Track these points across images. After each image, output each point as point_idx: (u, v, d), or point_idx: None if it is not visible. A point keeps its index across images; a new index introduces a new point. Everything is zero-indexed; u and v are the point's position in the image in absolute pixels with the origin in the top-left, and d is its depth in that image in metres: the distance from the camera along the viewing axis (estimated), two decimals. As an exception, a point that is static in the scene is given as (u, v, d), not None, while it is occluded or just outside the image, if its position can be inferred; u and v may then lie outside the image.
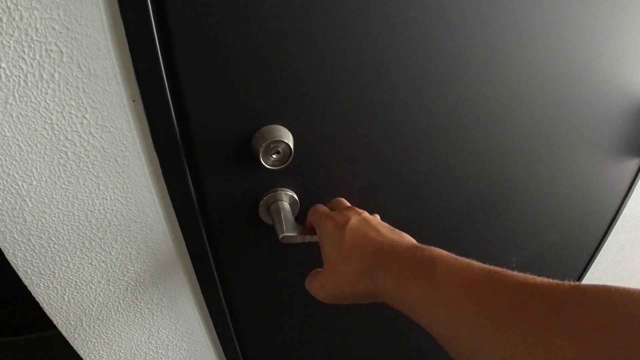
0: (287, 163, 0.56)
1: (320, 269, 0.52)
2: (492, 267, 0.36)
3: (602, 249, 1.13)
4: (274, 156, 0.55)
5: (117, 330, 0.67)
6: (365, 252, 0.46)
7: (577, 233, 1.03)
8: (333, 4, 0.50)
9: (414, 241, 0.47)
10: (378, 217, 0.55)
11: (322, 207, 0.57)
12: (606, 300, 0.26)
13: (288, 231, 0.57)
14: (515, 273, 0.34)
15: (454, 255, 0.39)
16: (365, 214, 0.53)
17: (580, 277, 1.19)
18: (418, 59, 0.58)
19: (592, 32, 0.68)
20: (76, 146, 0.49)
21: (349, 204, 0.59)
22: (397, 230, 0.50)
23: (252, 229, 0.65)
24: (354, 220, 0.50)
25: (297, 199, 0.63)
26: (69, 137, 0.48)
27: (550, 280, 0.31)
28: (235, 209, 0.62)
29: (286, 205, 0.61)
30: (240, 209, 0.63)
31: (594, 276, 1.24)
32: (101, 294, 0.62)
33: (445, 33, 0.57)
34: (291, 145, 0.54)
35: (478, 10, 0.57)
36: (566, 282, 0.30)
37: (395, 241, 0.46)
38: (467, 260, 0.38)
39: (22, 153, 0.47)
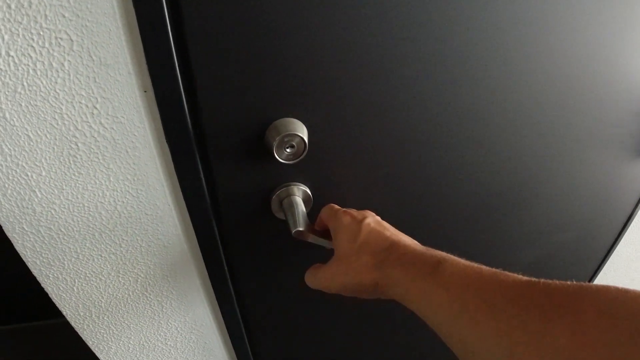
0: (301, 157, 0.55)
1: (320, 264, 0.54)
2: (498, 270, 0.37)
3: (617, 247, 1.11)
4: (287, 150, 0.54)
5: (126, 322, 0.67)
6: (378, 247, 0.48)
7: (592, 232, 1.01)
8: (351, -3, 0.49)
9: (421, 245, 0.49)
10: None
11: (337, 206, 0.59)
12: (609, 301, 0.27)
13: (301, 226, 0.56)
14: (520, 275, 0.35)
15: (461, 259, 0.41)
16: (379, 218, 0.55)
17: (593, 275, 1.17)
18: (436, 56, 0.57)
19: (609, 30, 0.66)
20: (86, 137, 0.48)
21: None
22: (410, 237, 0.51)
23: (264, 223, 0.65)
24: (370, 219, 0.52)
25: (310, 194, 0.62)
26: (79, 128, 0.47)
27: (556, 281, 0.32)
28: (247, 202, 0.61)
29: (299, 200, 0.60)
30: (252, 203, 0.62)
31: (608, 276, 1.23)
32: (111, 285, 0.61)
33: (464, 31, 0.56)
34: (305, 139, 0.53)
35: (495, 9, 0.56)
36: (572, 283, 0.30)
37: (408, 242, 0.48)
38: (474, 263, 0.39)
39: (32, 143, 0.46)
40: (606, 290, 0.28)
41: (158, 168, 0.54)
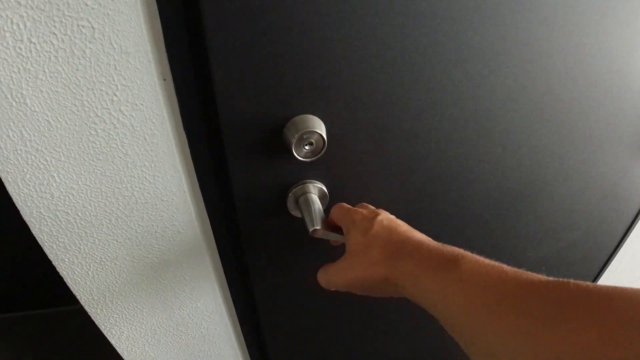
0: (319, 155, 0.54)
1: (331, 262, 0.52)
2: (520, 269, 0.35)
3: (623, 247, 1.11)
4: (306, 147, 0.54)
5: (139, 307, 0.68)
6: (389, 241, 0.46)
7: (599, 230, 1.02)
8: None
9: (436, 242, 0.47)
10: None
11: (347, 205, 0.57)
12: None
13: (318, 225, 0.55)
14: (545, 276, 0.34)
15: (480, 257, 0.39)
16: (394, 216, 0.54)
17: (599, 273, 1.18)
18: (454, 54, 0.57)
19: (623, 30, 0.66)
20: (106, 123, 0.48)
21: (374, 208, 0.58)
22: (425, 235, 0.49)
23: (278, 218, 0.65)
24: (383, 215, 0.51)
25: (326, 191, 0.62)
26: (99, 114, 0.48)
27: (588, 282, 0.30)
28: (261, 198, 0.61)
29: (315, 197, 0.60)
30: (267, 199, 0.61)
31: (613, 275, 1.23)
32: (125, 270, 0.62)
33: (484, 31, 0.56)
34: (324, 136, 0.53)
35: (512, 10, 0.56)
36: (604, 285, 0.29)
37: (422, 238, 0.46)
38: (494, 262, 0.38)
39: (51, 129, 0.47)
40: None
41: (175, 155, 0.54)
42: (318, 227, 0.55)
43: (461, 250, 0.41)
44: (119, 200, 0.55)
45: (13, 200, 0.52)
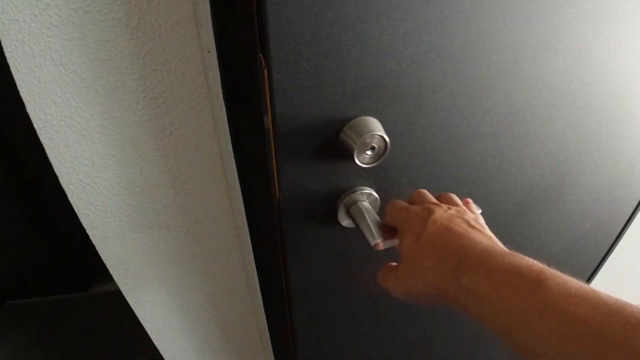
0: (380, 160, 0.49)
1: (393, 263, 0.48)
2: (614, 297, 0.30)
3: (624, 236, 1.14)
4: (368, 153, 0.48)
5: (167, 279, 0.69)
6: (447, 249, 0.40)
7: (608, 220, 1.04)
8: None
9: (503, 246, 0.40)
10: (478, 214, 0.49)
11: (401, 202, 0.51)
12: None
13: (379, 237, 0.50)
14: None
15: (561, 273, 0.34)
16: (456, 208, 0.46)
17: (599, 265, 1.19)
18: (521, 60, 0.55)
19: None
20: (152, 91, 0.50)
21: (434, 199, 0.50)
22: (487, 232, 0.43)
23: (324, 224, 0.59)
24: (438, 213, 0.44)
25: (377, 198, 0.57)
26: (146, 83, 0.49)
27: None
28: (309, 203, 0.55)
29: (369, 206, 0.55)
30: (315, 204, 0.55)
31: (616, 264, 1.25)
32: (159, 239, 0.64)
33: (538, 38, 0.55)
34: (388, 140, 0.48)
35: (565, 17, 0.55)
36: None
37: (485, 244, 0.39)
38: (580, 282, 0.32)
39: (98, 96, 0.49)
40: None
41: (215, 126, 0.56)
42: (379, 240, 0.50)
43: (540, 265, 0.34)
44: (160, 167, 0.57)
45: (51, 169, 0.53)
